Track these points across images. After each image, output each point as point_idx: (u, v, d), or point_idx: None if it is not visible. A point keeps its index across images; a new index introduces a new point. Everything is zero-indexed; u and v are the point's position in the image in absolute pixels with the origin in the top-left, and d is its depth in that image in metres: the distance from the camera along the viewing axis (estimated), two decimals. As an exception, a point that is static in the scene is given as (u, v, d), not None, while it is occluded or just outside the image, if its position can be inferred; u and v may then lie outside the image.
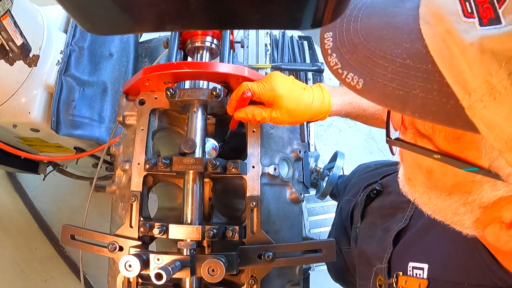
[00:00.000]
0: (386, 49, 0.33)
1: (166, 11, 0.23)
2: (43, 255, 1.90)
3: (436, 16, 0.30)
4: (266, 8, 0.23)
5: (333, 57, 0.36)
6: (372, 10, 0.37)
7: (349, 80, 0.34)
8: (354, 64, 0.34)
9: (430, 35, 0.31)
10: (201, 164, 0.66)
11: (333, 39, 0.37)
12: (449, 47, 0.28)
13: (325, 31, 0.38)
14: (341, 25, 0.37)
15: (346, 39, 0.36)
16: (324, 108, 0.68)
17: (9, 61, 0.97)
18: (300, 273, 0.77)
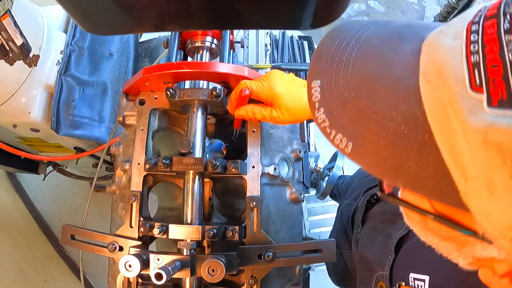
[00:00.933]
0: (379, 110, 0.29)
1: (166, 11, 0.23)
2: (43, 255, 1.90)
3: (439, 76, 0.26)
4: (266, 8, 0.23)
5: (321, 112, 0.32)
6: (367, 50, 0.33)
7: (338, 142, 0.30)
8: (343, 123, 0.30)
9: (430, 99, 0.27)
10: (201, 164, 0.66)
11: (321, 90, 0.33)
12: (450, 122, 0.25)
13: (313, 78, 0.34)
14: (330, 71, 0.33)
15: (336, 91, 0.32)
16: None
17: (9, 61, 0.97)
18: (300, 273, 0.77)
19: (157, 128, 0.76)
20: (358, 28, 0.35)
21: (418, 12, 2.95)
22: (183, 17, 0.24)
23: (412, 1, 2.98)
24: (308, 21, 0.25)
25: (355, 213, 0.92)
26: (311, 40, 1.80)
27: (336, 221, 1.08)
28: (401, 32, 0.33)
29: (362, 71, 0.31)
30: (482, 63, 0.24)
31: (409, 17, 2.91)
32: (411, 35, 0.32)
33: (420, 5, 2.97)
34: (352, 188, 1.11)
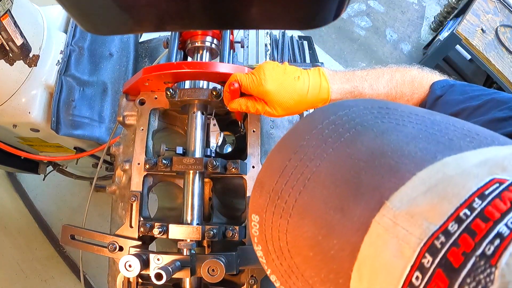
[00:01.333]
0: (308, 277, 0.27)
1: (166, 11, 0.23)
2: (43, 255, 1.90)
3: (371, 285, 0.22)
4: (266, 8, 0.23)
5: (259, 248, 0.31)
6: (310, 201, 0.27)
7: (273, 280, 0.30)
8: (278, 268, 0.29)
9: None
10: (201, 164, 0.66)
11: (260, 227, 0.30)
12: None
13: (253, 211, 0.31)
14: (270, 212, 0.29)
15: (273, 236, 0.29)
16: (322, 96, 0.64)
17: (9, 61, 0.97)
18: (300, 273, 0.77)
19: (157, 128, 0.76)
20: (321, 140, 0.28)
21: (418, 12, 2.95)
22: (183, 17, 0.24)
23: (412, 1, 2.98)
24: (308, 21, 0.25)
25: None
26: (311, 40, 1.80)
27: None
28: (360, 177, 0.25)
29: (298, 229, 0.27)
30: None
31: (409, 17, 2.91)
32: (370, 188, 0.24)
33: (420, 5, 2.98)
34: None
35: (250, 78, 0.64)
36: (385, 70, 0.69)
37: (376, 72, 0.69)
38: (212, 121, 0.75)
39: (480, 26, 2.16)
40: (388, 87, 0.68)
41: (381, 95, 0.68)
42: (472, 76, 2.49)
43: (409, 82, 0.68)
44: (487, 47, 2.12)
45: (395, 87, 0.68)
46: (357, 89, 0.67)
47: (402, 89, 0.68)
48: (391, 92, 0.68)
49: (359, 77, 0.68)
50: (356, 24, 2.83)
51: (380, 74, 0.69)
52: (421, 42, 2.85)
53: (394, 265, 0.21)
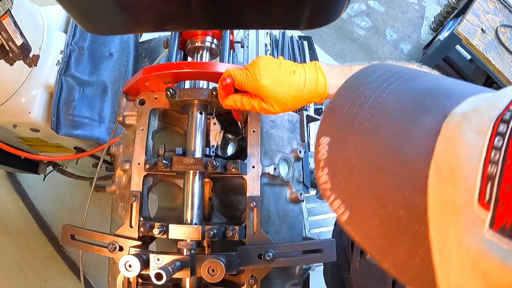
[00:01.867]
0: (382, 187, 0.28)
1: (166, 11, 0.23)
2: (43, 255, 1.90)
3: (451, 173, 0.24)
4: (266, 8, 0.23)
5: (324, 172, 0.31)
6: (383, 117, 0.30)
7: (335, 207, 0.30)
8: (344, 190, 0.29)
9: (435, 193, 0.25)
10: (201, 164, 0.66)
11: (329, 149, 0.31)
12: (448, 226, 0.24)
13: (323, 134, 0.32)
14: (342, 131, 0.31)
15: (343, 154, 0.30)
16: (319, 91, 0.62)
17: (9, 61, 0.97)
18: (300, 273, 0.77)
19: (157, 128, 0.76)
20: (379, 82, 0.32)
21: (418, 12, 2.95)
22: (183, 17, 0.24)
23: (412, 1, 2.98)
24: (308, 21, 0.25)
25: None
26: (311, 40, 1.80)
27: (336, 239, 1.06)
28: (424, 100, 0.30)
29: (373, 140, 0.29)
30: (498, 179, 0.22)
31: (409, 17, 2.91)
32: (434, 106, 0.29)
33: (420, 5, 2.98)
34: None
35: (244, 73, 0.62)
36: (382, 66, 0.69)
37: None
38: (213, 120, 0.75)
39: (480, 26, 2.16)
40: None
41: None
42: (472, 76, 2.49)
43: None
44: (487, 47, 2.12)
45: None
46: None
47: None
48: None
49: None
50: (356, 24, 2.83)
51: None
52: (421, 42, 2.85)
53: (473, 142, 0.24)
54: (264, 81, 0.60)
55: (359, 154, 0.29)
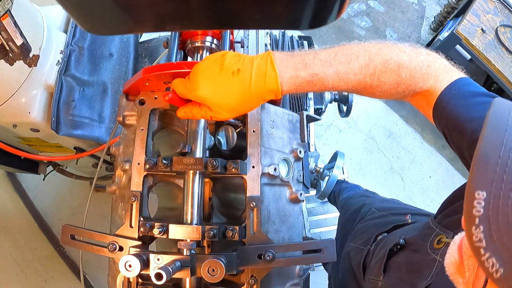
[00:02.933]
0: None
1: (166, 11, 0.23)
2: (43, 255, 1.90)
3: None
4: (266, 8, 0.23)
5: (479, 230, 0.29)
6: None
7: (488, 265, 0.28)
8: (499, 247, 0.28)
9: None
10: (201, 164, 0.66)
11: (486, 205, 0.29)
12: None
13: (478, 188, 0.30)
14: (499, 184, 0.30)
15: (502, 211, 0.29)
16: (269, 87, 0.55)
17: (9, 61, 0.97)
18: (300, 273, 0.77)
19: (157, 128, 0.76)
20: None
21: (418, 12, 2.95)
22: (183, 17, 0.24)
23: (412, 1, 2.98)
24: (308, 21, 0.25)
25: (366, 257, 0.89)
26: (311, 40, 1.80)
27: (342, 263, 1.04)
28: None
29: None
30: None
31: (409, 17, 2.91)
32: None
33: (420, 5, 2.97)
34: (357, 231, 1.08)
35: (183, 84, 0.59)
36: (360, 51, 0.56)
37: (347, 53, 0.56)
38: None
39: (480, 26, 2.16)
40: (362, 75, 0.56)
41: (350, 84, 0.57)
42: (472, 76, 2.49)
43: (392, 70, 0.56)
44: (487, 47, 2.12)
45: (370, 75, 0.56)
46: (317, 77, 0.55)
47: (382, 77, 0.57)
48: (365, 80, 0.57)
49: (322, 62, 0.56)
50: (356, 24, 2.83)
51: (354, 56, 0.56)
52: (421, 42, 2.84)
53: None
54: (201, 92, 0.56)
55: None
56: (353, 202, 1.37)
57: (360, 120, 2.50)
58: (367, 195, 1.48)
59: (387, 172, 2.43)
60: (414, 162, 2.48)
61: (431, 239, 0.68)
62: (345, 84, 0.57)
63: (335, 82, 0.56)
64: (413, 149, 2.50)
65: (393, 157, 2.47)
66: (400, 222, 0.91)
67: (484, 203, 0.29)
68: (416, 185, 2.43)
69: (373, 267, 0.82)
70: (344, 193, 1.69)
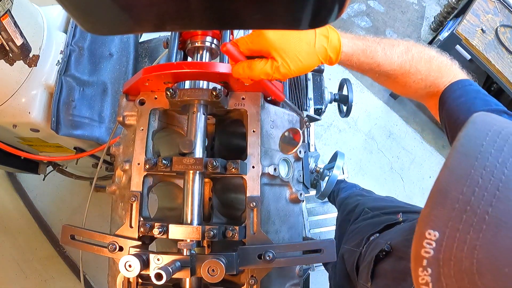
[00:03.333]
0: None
1: (166, 11, 0.23)
2: (43, 255, 1.90)
3: None
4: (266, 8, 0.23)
5: (426, 272, 0.26)
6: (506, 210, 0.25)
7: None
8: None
9: None
10: (201, 164, 0.66)
11: (437, 246, 0.26)
12: None
13: (431, 227, 0.27)
14: (455, 227, 0.26)
15: (455, 256, 0.25)
16: (333, 44, 0.58)
17: (9, 61, 0.97)
18: (300, 273, 0.77)
19: (157, 128, 0.76)
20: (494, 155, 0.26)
21: (418, 12, 2.95)
22: (183, 17, 0.24)
23: (412, 1, 2.98)
24: (308, 21, 0.25)
25: (359, 260, 0.89)
26: (311, 40, 1.79)
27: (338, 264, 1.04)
28: None
29: (494, 242, 0.24)
30: None
31: (409, 17, 2.91)
32: None
33: (420, 5, 2.97)
34: (351, 232, 1.07)
35: (246, 35, 0.58)
36: (400, 41, 0.65)
37: (390, 41, 0.64)
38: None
39: (480, 26, 2.16)
40: (402, 58, 0.63)
41: (394, 65, 0.63)
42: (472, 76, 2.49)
43: (426, 60, 0.64)
44: (487, 47, 2.12)
45: (409, 61, 0.63)
46: (370, 48, 0.62)
47: (418, 65, 0.63)
48: (405, 65, 0.63)
49: (372, 40, 0.64)
50: (356, 24, 2.83)
51: (396, 43, 0.64)
52: (421, 42, 2.84)
53: None
54: (271, 35, 0.55)
55: (476, 257, 0.25)
56: (349, 202, 1.37)
57: (360, 120, 2.50)
58: (362, 194, 1.47)
59: (387, 172, 2.43)
60: (414, 162, 2.48)
61: None
62: (390, 64, 0.63)
63: (382, 59, 0.62)
64: (413, 149, 2.50)
65: (393, 157, 2.47)
66: (391, 222, 0.90)
67: (435, 245, 0.26)
68: (416, 185, 2.43)
69: (362, 272, 0.82)
70: (341, 193, 1.70)
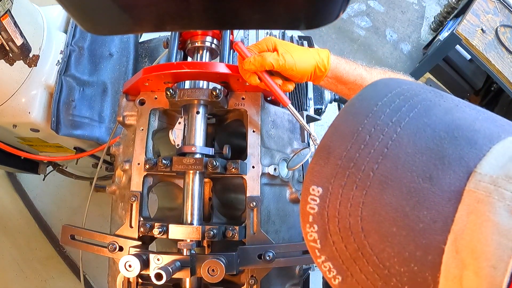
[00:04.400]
0: (386, 257, 0.23)
1: (166, 11, 0.23)
2: (43, 255, 1.90)
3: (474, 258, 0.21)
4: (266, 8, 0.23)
5: (313, 229, 0.26)
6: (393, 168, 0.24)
7: (325, 269, 0.26)
8: (337, 254, 0.25)
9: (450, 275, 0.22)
10: (201, 164, 0.66)
11: (321, 202, 0.26)
12: None
13: (314, 183, 0.26)
14: (339, 183, 0.25)
15: (339, 212, 0.25)
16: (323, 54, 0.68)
17: (9, 61, 0.97)
18: (300, 273, 0.77)
19: (157, 128, 0.76)
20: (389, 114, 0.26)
21: (418, 12, 2.95)
22: (183, 17, 0.24)
23: (412, 1, 2.98)
24: (308, 21, 0.25)
25: None
26: (311, 40, 1.79)
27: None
28: (443, 146, 0.24)
29: (379, 200, 0.24)
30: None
31: (409, 17, 2.91)
32: (455, 157, 0.23)
33: (420, 5, 2.97)
34: None
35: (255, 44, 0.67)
36: (374, 67, 0.73)
37: (366, 66, 0.73)
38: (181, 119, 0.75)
39: (480, 26, 2.16)
40: (381, 76, 0.71)
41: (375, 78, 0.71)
42: (472, 76, 2.49)
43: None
44: (487, 47, 2.11)
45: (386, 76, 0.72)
46: (354, 66, 0.70)
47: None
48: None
49: (352, 62, 0.72)
50: (356, 24, 2.83)
51: (371, 68, 0.72)
52: (421, 42, 2.84)
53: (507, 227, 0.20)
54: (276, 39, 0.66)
55: (360, 215, 0.24)
56: None
57: (360, 120, 2.49)
58: None
59: (387, 172, 2.42)
60: (414, 162, 2.47)
61: None
62: (371, 79, 0.70)
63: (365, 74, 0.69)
64: (413, 149, 2.49)
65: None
66: None
67: (319, 201, 0.26)
68: (416, 185, 2.43)
69: None
70: None
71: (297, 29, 0.26)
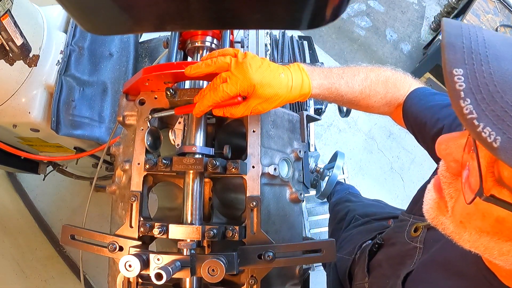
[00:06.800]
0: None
1: (166, 11, 0.23)
2: (43, 255, 1.90)
3: None
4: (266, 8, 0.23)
5: (467, 102, 0.31)
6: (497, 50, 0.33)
7: (485, 135, 0.29)
8: (490, 116, 0.30)
9: None
10: (201, 164, 0.66)
11: (465, 79, 0.32)
12: None
13: (454, 66, 0.33)
14: (471, 62, 0.33)
15: (480, 83, 0.31)
16: (304, 91, 0.67)
17: (9, 61, 0.97)
18: (300, 273, 0.77)
19: (157, 128, 0.76)
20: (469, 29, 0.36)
21: (418, 12, 2.95)
22: (183, 17, 0.24)
23: (412, 1, 2.98)
24: (308, 21, 0.25)
25: (352, 267, 0.90)
26: (311, 40, 1.80)
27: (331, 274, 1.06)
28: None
29: (500, 68, 0.32)
30: None
31: (409, 17, 2.91)
32: None
33: (420, 5, 2.97)
34: (343, 240, 1.09)
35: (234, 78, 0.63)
36: (360, 69, 0.74)
37: (351, 70, 0.73)
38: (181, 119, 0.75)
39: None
40: (363, 86, 0.72)
41: (356, 92, 0.73)
42: (472, 76, 2.49)
43: (383, 82, 0.74)
44: (487, 47, 2.11)
45: (369, 86, 0.73)
46: (334, 85, 0.70)
47: (376, 88, 0.73)
48: (365, 91, 0.73)
49: (336, 75, 0.71)
50: (356, 24, 2.83)
51: (356, 72, 0.73)
52: (421, 42, 2.84)
53: None
54: (256, 78, 0.62)
55: (495, 81, 0.31)
56: (339, 209, 1.37)
57: (360, 120, 2.50)
58: (349, 199, 1.46)
59: (387, 172, 2.43)
60: (414, 162, 2.48)
61: (407, 229, 0.70)
62: (352, 93, 0.72)
63: (345, 90, 0.71)
64: (413, 149, 2.50)
65: (393, 157, 2.47)
66: (383, 229, 0.91)
67: (463, 78, 0.32)
68: (416, 185, 2.43)
69: (358, 273, 0.83)
70: (334, 197, 1.70)
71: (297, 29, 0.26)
